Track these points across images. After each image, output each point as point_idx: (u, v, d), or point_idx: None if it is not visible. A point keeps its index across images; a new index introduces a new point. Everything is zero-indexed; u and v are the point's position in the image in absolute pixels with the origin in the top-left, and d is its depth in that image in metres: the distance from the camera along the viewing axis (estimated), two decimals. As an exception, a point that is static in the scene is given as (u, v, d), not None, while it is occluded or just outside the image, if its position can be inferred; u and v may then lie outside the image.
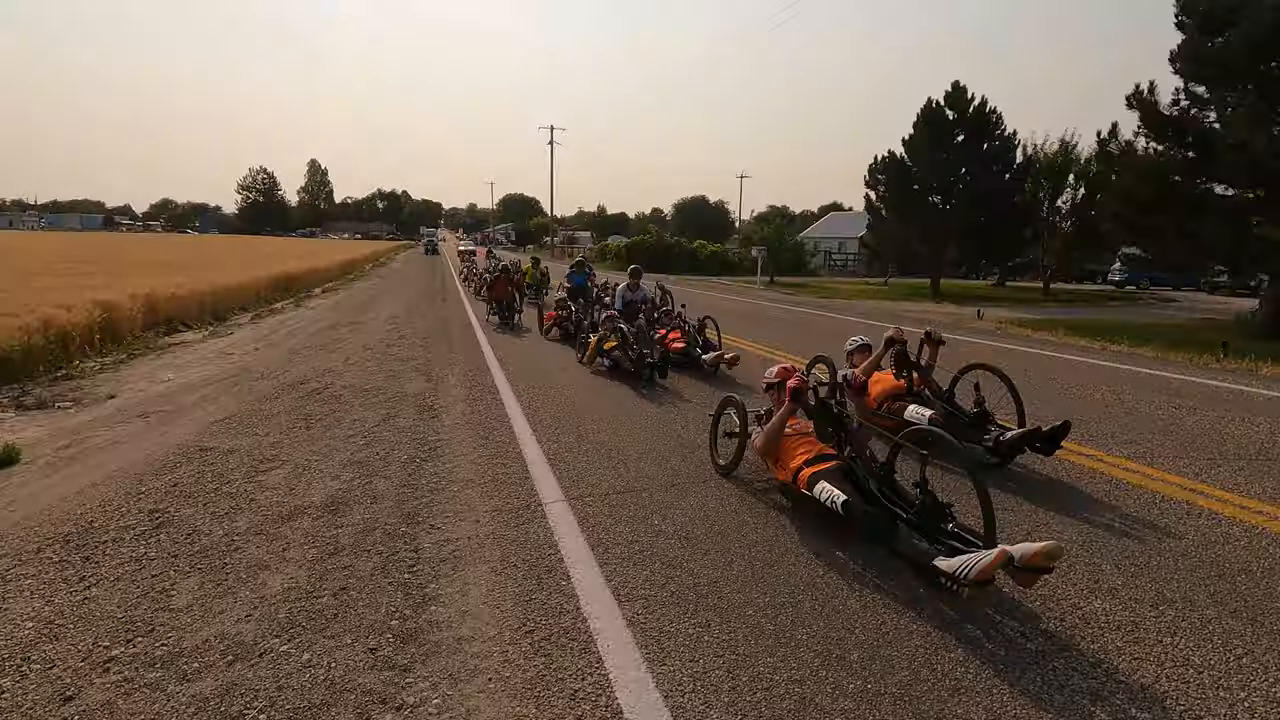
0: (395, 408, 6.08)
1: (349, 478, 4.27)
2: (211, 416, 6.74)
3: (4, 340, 9.88)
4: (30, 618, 2.87)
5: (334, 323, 14.01)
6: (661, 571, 2.96)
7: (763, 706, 2.09)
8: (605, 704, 2.09)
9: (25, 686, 2.37)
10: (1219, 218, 11.96)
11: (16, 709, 2.26)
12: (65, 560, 3.47)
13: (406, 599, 2.74)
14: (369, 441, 5.06)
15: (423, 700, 2.12)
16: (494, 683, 2.19)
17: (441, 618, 2.59)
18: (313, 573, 3.02)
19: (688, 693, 2.14)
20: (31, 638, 2.70)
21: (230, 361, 11.20)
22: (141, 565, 3.31)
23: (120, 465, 5.42)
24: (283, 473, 4.53)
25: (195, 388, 8.91)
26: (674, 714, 2.04)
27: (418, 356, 8.93)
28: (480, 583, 2.87)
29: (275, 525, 3.62)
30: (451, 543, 3.26)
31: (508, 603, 2.69)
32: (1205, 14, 12.40)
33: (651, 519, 3.54)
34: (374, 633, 2.51)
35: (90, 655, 2.53)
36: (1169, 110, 13.40)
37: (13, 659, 2.55)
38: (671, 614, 2.61)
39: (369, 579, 2.93)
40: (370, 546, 3.25)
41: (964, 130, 24.16)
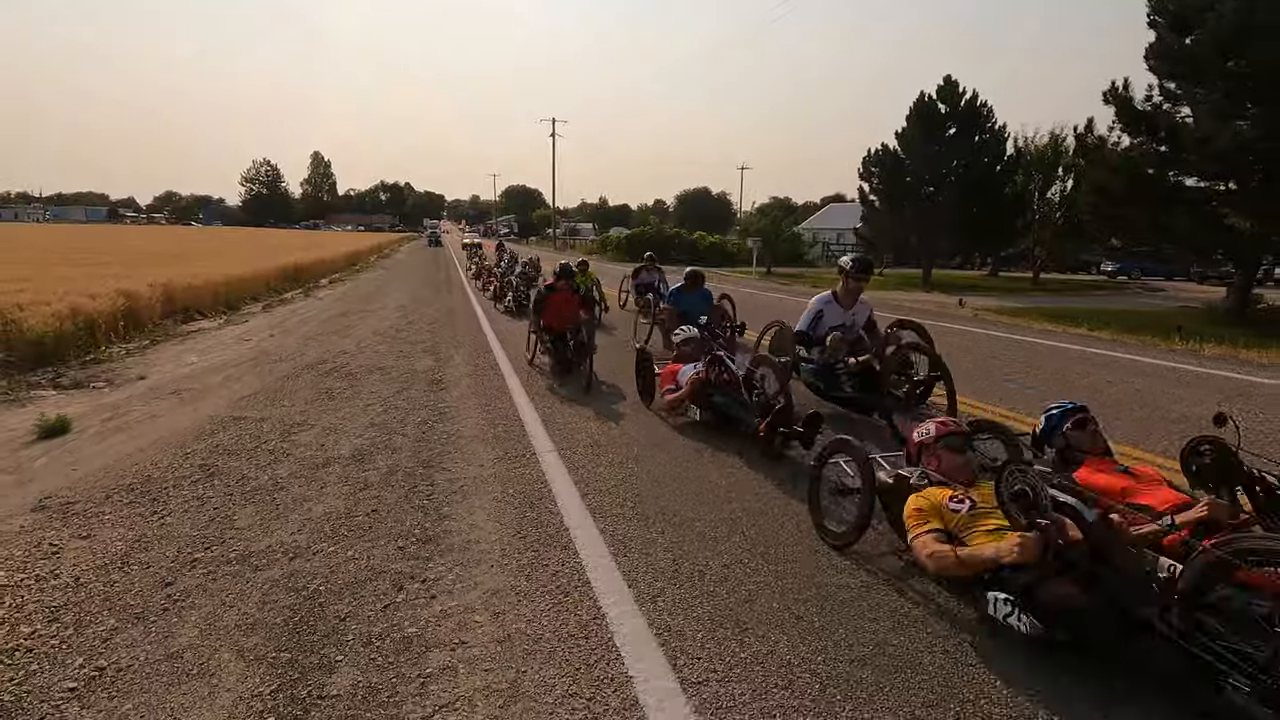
0: (407, 382, 6.77)
1: (371, 436, 4.96)
2: (239, 393, 7.42)
3: (38, 326, 10.61)
4: (119, 539, 3.56)
5: (344, 311, 14.70)
6: (630, 500, 3.65)
7: (696, 580, 2.78)
8: (579, 580, 2.78)
9: (130, 577, 3.07)
10: (1187, 209, 12.55)
11: (128, 592, 2.96)
12: (135, 501, 4.15)
13: (425, 517, 3.44)
14: (385, 409, 5.75)
15: (440, 576, 2.82)
16: (494, 567, 2.89)
17: (454, 529, 3.29)
18: (348, 502, 3.72)
19: (641, 574, 2.83)
20: (125, 550, 3.39)
21: (248, 346, 11.91)
22: (203, 502, 4.00)
23: (163, 433, 6.12)
24: (312, 433, 5.22)
25: (219, 369, 9.62)
26: (630, 585, 2.73)
27: (425, 340, 9.62)
28: (484, 507, 3.56)
29: (312, 471, 4.31)
30: (461, 480, 3.96)
31: (506, 519, 3.39)
32: (1175, 13, 12.95)
33: (628, 464, 4.23)
34: (401, 538, 3.21)
35: (177, 558, 3.23)
36: (1143, 106, 13.97)
37: (114, 563, 3.25)
38: (634, 527, 3.30)
39: (394, 505, 3.62)
40: (394, 484, 3.95)
41: (955, 123, 24.69)
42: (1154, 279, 31.84)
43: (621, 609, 2.55)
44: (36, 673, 2.40)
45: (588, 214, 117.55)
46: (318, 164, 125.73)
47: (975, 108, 24.55)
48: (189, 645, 2.49)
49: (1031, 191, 25.68)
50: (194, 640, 2.52)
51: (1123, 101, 14.09)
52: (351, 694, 2.13)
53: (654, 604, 2.60)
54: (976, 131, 24.46)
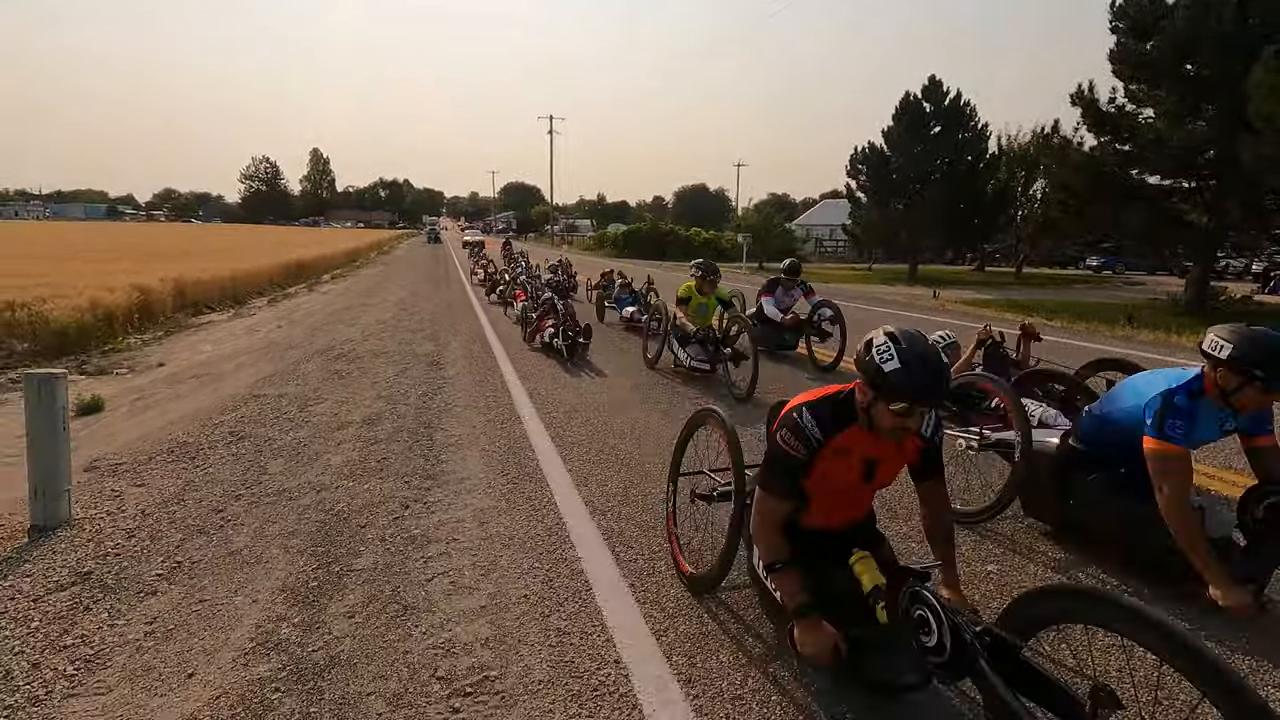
0: (409, 364, 7.51)
1: (379, 406, 5.70)
2: (255, 376, 8.15)
3: (62, 318, 11.36)
4: (170, 485, 4.29)
5: (347, 305, 15.43)
6: (596, 450, 4.40)
7: (639, 502, 3.53)
8: (547, 502, 3.53)
9: (187, 508, 3.81)
10: (1143, 206, 13.28)
11: (187, 517, 3.69)
12: (177, 460, 4.88)
13: (426, 462, 4.18)
14: (390, 385, 6.49)
15: (438, 500, 3.56)
16: (481, 494, 3.64)
17: (449, 470, 4.04)
18: (361, 454, 4.46)
19: (597, 498, 3.58)
20: (178, 491, 4.13)
21: (258, 337, 12.65)
22: (237, 457, 4.74)
23: (189, 409, 6.85)
24: (326, 405, 5.96)
25: (233, 357, 10.35)
26: (586, 505, 3.48)
27: (425, 328, 10.35)
28: (474, 455, 4.31)
29: (329, 433, 5.05)
30: (455, 436, 4.70)
31: (492, 462, 4.14)
32: (1135, 19, 13.66)
33: (594, 423, 4.99)
34: (406, 476, 3.95)
35: (223, 494, 3.97)
36: (1107, 108, 14.69)
37: (170, 500, 3.98)
38: (595, 467, 4.05)
39: (400, 454, 4.37)
40: (399, 440, 4.69)
41: (940, 122, 25.38)
42: (1136, 274, 32.60)
43: (578, 520, 3.30)
44: (128, 567, 3.14)
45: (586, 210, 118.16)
46: (317, 161, 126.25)
47: (959, 107, 25.24)
48: (245, 546, 3.23)
49: (1014, 188, 26.39)
50: (248, 543, 3.26)
51: (1089, 103, 14.81)
52: (373, 568, 2.87)
53: (604, 517, 3.34)
54: (960, 130, 25.16)
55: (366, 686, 2.11)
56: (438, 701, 2.03)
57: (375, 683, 2.12)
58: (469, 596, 2.61)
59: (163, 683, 2.26)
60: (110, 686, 2.27)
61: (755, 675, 2.14)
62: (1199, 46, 12.28)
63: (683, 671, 2.15)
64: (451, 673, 2.16)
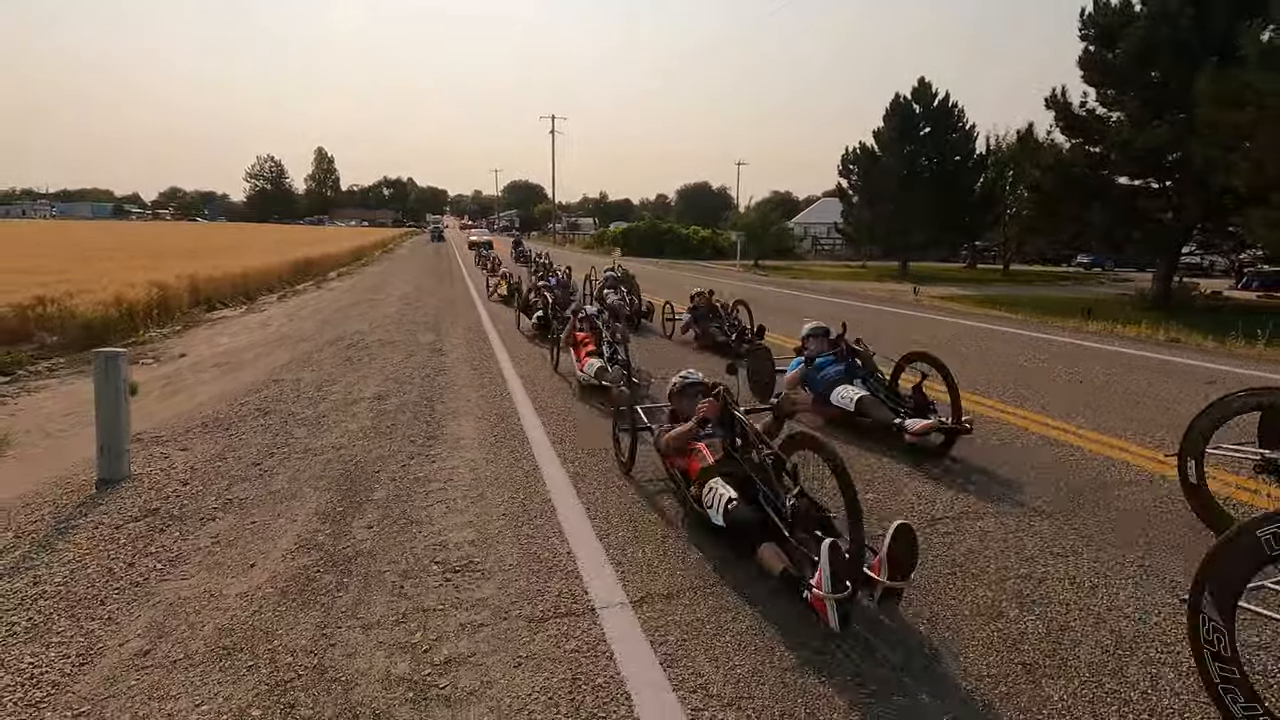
0: (414, 351, 8.29)
1: (387, 386, 6.48)
2: (272, 364, 8.92)
3: (88, 312, 12.17)
4: (211, 449, 5.06)
5: (354, 300, 16.22)
6: (570, 419, 5.17)
7: (602, 455, 4.30)
8: (527, 454, 4.31)
9: (229, 464, 4.58)
10: (1104, 205, 13.98)
11: (231, 470, 4.46)
12: (212, 431, 5.64)
13: (428, 427, 4.96)
14: (396, 369, 7.26)
15: (438, 454, 4.34)
16: (473, 449, 4.41)
17: (448, 433, 4.81)
18: (374, 421, 5.23)
19: (569, 453, 4.36)
20: (219, 452, 4.90)
21: (271, 330, 13.44)
22: (266, 427, 5.51)
23: (215, 393, 7.62)
24: (340, 386, 6.73)
25: (249, 348, 11.14)
26: (559, 457, 4.25)
27: (428, 321, 11.13)
28: (469, 423, 5.08)
29: (344, 407, 5.83)
30: (453, 408, 5.48)
31: (483, 427, 4.91)
32: (1102, 27, 14.36)
33: (573, 398, 5.76)
34: (411, 438, 4.73)
35: (259, 453, 4.74)
36: (1079, 111, 15.40)
37: (213, 459, 4.75)
38: (569, 430, 4.83)
39: (406, 422, 5.14)
40: (405, 411, 5.47)
41: (929, 123, 26.08)
42: (1126, 270, 33.22)
43: (552, 468, 4.07)
44: (188, 504, 3.92)
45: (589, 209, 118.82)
46: (321, 160, 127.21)
47: (947, 108, 25.94)
48: (282, 487, 4.00)
49: (1001, 187, 27.06)
50: (284, 485, 4.04)
51: (1061, 107, 15.52)
52: (385, 498, 3.65)
53: (571, 464, 4.12)
54: (948, 131, 25.85)
55: (384, 567, 2.88)
56: (436, 576, 2.80)
57: (390, 565, 2.89)
58: (460, 515, 3.39)
59: (231, 571, 3.03)
60: (191, 575, 3.04)
61: (666, 560, 2.90)
62: (1159, 55, 12.98)
63: (614, 556, 2.92)
64: (446, 560, 2.93)
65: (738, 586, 2.69)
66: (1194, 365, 7.46)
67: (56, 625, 2.68)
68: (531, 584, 2.73)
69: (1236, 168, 10.29)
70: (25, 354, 10.71)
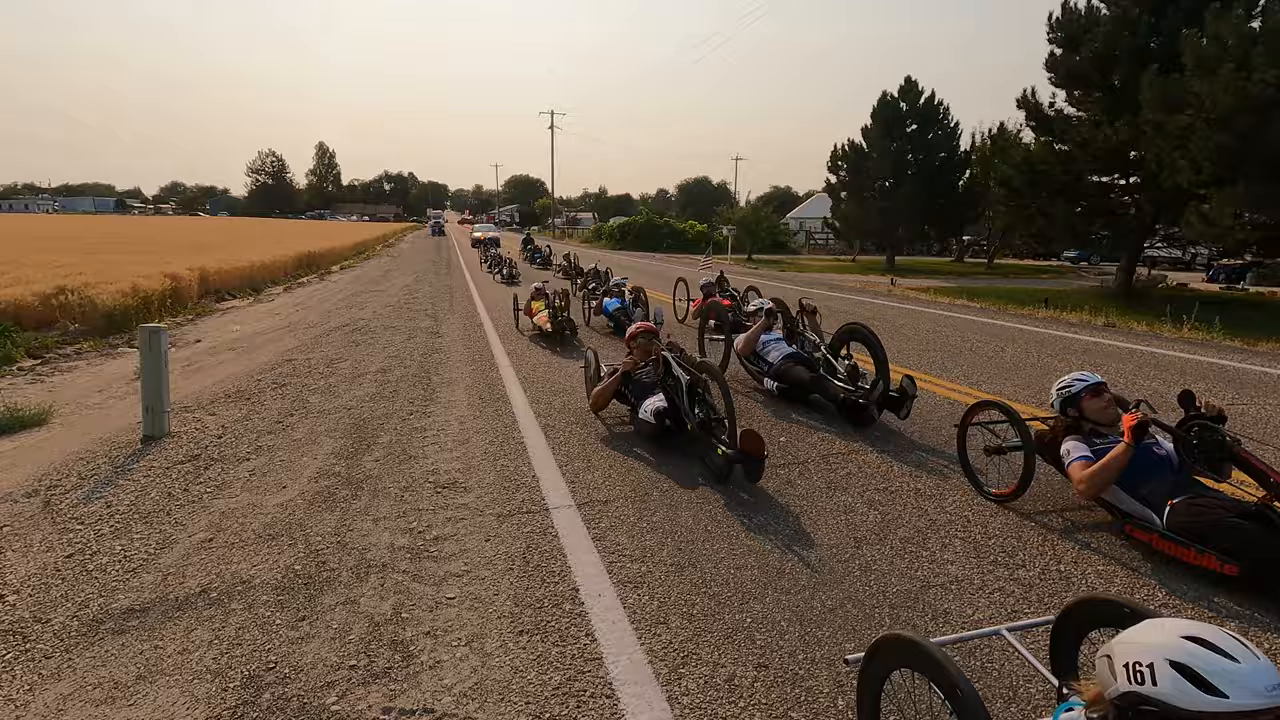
0: (413, 334, 9.10)
1: (389, 362, 7.29)
2: (283, 347, 9.71)
3: (108, 302, 12.97)
4: (237, 414, 5.87)
5: (357, 291, 17.02)
6: (548, 384, 5.99)
7: (572, 411, 5.10)
8: (508, 413, 5.12)
9: (254, 423, 5.39)
10: (1072, 202, 14.75)
11: (257, 426, 5.27)
12: (235, 401, 6.44)
13: (425, 393, 5.77)
14: (398, 348, 8.07)
15: (433, 413, 5.16)
16: (463, 410, 5.23)
17: (442, 398, 5.63)
18: (378, 389, 6.05)
19: (543, 412, 5.16)
20: (244, 416, 5.71)
21: (279, 318, 14.24)
22: (283, 395, 6.31)
23: (233, 371, 8.41)
24: (347, 363, 7.54)
25: (260, 334, 11.94)
26: (536, 416, 5.06)
27: (427, 308, 11.94)
28: (461, 390, 5.90)
29: (352, 379, 6.64)
30: (448, 378, 6.30)
31: (473, 394, 5.73)
32: (1068, 32, 15.10)
33: (553, 368, 6.58)
34: (411, 400, 5.55)
35: (279, 415, 5.55)
36: (1049, 111, 16.15)
37: (240, 421, 5.56)
38: (546, 395, 5.64)
39: (406, 389, 5.96)
40: (405, 381, 6.28)
41: (914, 121, 26.79)
42: (1110, 264, 33.96)
43: (527, 421, 4.89)
44: (225, 450, 4.73)
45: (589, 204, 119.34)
46: (322, 154, 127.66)
47: (933, 106, 26.65)
48: (302, 437, 4.82)
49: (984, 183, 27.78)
50: (304, 436, 4.85)
51: (1031, 106, 16.26)
52: (389, 442, 4.47)
53: (544, 419, 4.93)
54: (933, 129, 26.56)
55: (388, 485, 3.70)
56: (429, 490, 3.62)
57: (393, 482, 3.71)
58: (449, 453, 4.20)
59: (267, 491, 3.84)
60: (236, 495, 3.86)
61: (608, 481, 3.72)
62: (1118, 59, 13.73)
63: (569, 478, 3.75)
64: (436, 480, 3.75)
65: (656, 499, 3.51)
66: (1097, 342, 8.32)
67: (135, 528, 3.49)
68: (502, 495, 3.54)
69: (1179, 166, 11.06)
70: (52, 339, 11.52)
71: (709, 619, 2.42)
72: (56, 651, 2.42)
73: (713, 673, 2.13)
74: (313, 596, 2.62)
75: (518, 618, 2.42)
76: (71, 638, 2.50)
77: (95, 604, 2.74)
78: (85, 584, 2.92)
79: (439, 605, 2.52)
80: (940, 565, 2.83)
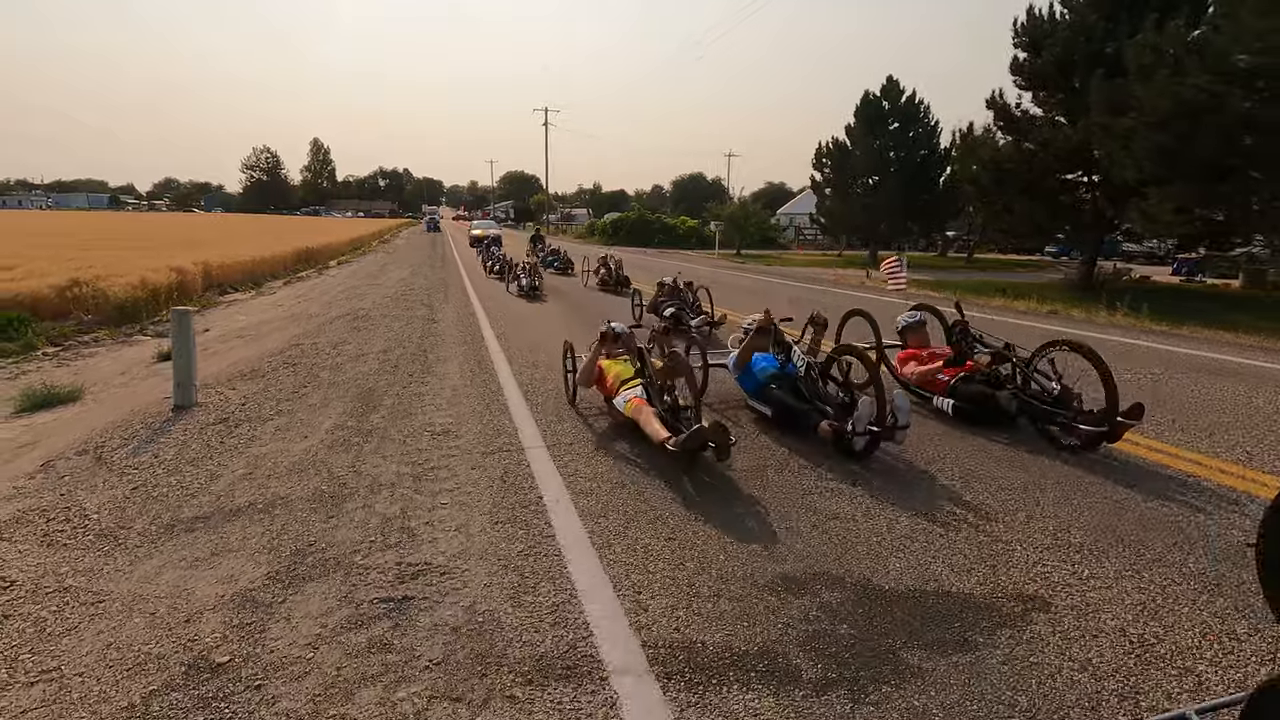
0: (411, 321, 9.87)
1: (389, 344, 8.06)
2: (289, 334, 10.44)
3: (121, 294, 13.68)
4: (253, 388, 6.63)
5: (355, 284, 17.75)
6: (530, 362, 6.78)
7: (551, 377, 5.90)
8: (493, 380, 5.92)
9: (272, 394, 6.16)
10: (1036, 199, 15.58)
11: (275, 395, 6.04)
12: (251, 379, 7.20)
13: (423, 367, 6.56)
14: (397, 333, 8.84)
15: (428, 383, 5.95)
16: (455, 380, 6.02)
17: (437, 370, 6.41)
18: (381, 365, 6.83)
19: (525, 376, 5.96)
20: (261, 389, 6.47)
21: (282, 310, 14.97)
22: (295, 373, 7.08)
23: (244, 355, 9.15)
24: (351, 346, 8.31)
25: (266, 324, 12.67)
26: (518, 383, 5.85)
27: (423, 299, 12.70)
28: (454, 365, 6.68)
29: (356, 358, 7.41)
30: (442, 356, 7.08)
31: (464, 367, 6.52)
32: (1032, 37, 15.90)
33: (535, 342, 7.37)
34: (409, 374, 6.33)
35: (294, 387, 6.32)
36: (1016, 112, 16.96)
37: (258, 394, 6.33)
38: (527, 366, 6.44)
39: (405, 365, 6.74)
40: (405, 359, 7.06)
41: (896, 119, 27.60)
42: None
43: (510, 388, 5.68)
44: (250, 413, 5.50)
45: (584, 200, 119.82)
46: (317, 151, 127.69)
47: (914, 105, 27.46)
48: (316, 402, 5.59)
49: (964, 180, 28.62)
50: (318, 401, 5.63)
51: (999, 107, 17.08)
52: (391, 405, 5.26)
53: (527, 387, 5.73)
54: (914, 126, 27.38)
55: (393, 434, 4.49)
56: (426, 436, 4.41)
57: (395, 431, 4.50)
58: (443, 411, 4.99)
59: (292, 439, 4.62)
60: (265, 444, 4.63)
61: (575, 432, 4.52)
62: (1076, 64, 14.54)
63: (542, 429, 4.55)
64: (432, 430, 4.54)
65: (612, 446, 4.31)
66: (1033, 325, 9.15)
67: (184, 469, 4.26)
68: (486, 439, 4.34)
69: (1126, 165, 11.88)
70: (69, 329, 12.25)
71: (638, 515, 3.22)
72: (144, 544, 3.20)
73: (634, 543, 2.93)
74: (338, 504, 3.41)
75: (495, 514, 3.22)
76: (153, 536, 3.28)
77: (166, 516, 3.51)
78: (153, 505, 3.70)
79: (435, 508, 3.31)
80: (823, 479, 3.63)
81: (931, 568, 2.72)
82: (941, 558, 2.81)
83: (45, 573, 2.95)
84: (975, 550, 2.89)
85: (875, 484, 3.66)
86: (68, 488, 4.06)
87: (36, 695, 2.16)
